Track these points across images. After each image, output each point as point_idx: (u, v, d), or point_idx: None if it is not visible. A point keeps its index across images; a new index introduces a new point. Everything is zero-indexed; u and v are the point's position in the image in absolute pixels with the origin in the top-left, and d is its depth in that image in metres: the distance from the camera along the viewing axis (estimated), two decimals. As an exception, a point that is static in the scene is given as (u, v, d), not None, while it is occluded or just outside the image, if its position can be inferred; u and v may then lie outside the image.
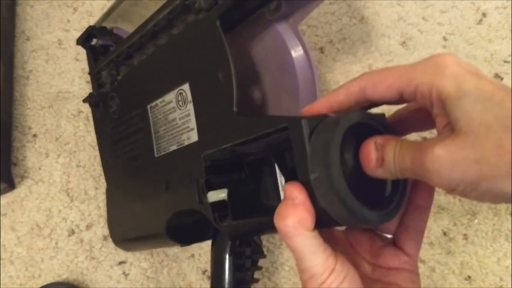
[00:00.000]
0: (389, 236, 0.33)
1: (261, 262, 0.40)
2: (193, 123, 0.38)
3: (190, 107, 0.39)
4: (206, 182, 0.36)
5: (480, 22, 0.54)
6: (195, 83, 0.38)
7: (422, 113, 0.29)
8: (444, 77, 0.25)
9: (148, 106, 0.44)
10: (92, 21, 0.55)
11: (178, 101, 0.40)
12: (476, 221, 0.51)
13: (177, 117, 0.40)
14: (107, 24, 0.55)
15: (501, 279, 0.49)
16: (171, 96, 0.41)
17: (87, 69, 0.62)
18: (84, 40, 0.54)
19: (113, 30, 0.55)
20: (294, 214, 0.27)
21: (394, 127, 0.30)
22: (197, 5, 0.38)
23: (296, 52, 0.38)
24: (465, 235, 0.51)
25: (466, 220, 0.51)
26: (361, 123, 0.28)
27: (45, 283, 0.56)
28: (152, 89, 0.43)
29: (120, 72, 0.49)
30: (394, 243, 0.33)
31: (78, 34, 0.56)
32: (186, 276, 0.55)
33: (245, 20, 0.39)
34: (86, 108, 0.61)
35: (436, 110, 0.26)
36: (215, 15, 0.36)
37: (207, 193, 0.35)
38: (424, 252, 0.50)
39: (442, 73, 0.25)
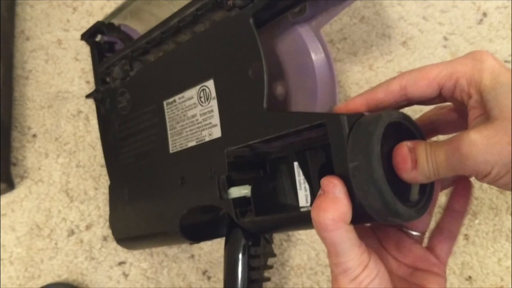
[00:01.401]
0: (415, 233, 0.34)
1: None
2: (216, 119, 0.38)
3: (214, 103, 0.39)
4: (227, 178, 0.36)
5: (480, 22, 0.54)
6: (220, 79, 0.38)
7: (450, 115, 0.31)
8: (482, 70, 0.27)
9: (165, 102, 0.43)
10: (92, 21, 0.54)
11: (200, 97, 0.40)
12: (476, 221, 0.51)
13: (198, 113, 0.40)
14: (116, 21, 0.55)
15: (502, 280, 0.49)
16: (192, 92, 0.41)
17: (87, 69, 0.62)
18: (89, 35, 0.54)
19: (121, 27, 0.55)
20: (335, 207, 0.27)
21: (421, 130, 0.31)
22: (231, 3, 0.38)
23: (317, 55, 0.38)
24: (465, 235, 0.51)
25: (466, 221, 0.51)
26: (397, 123, 0.28)
27: (44, 284, 0.56)
28: (170, 85, 0.43)
29: (134, 68, 0.49)
30: (421, 243, 0.34)
31: (78, 33, 0.55)
32: (186, 276, 0.55)
33: (272, 21, 0.39)
34: (86, 108, 0.61)
35: (472, 103, 0.27)
36: (249, 13, 0.36)
37: (228, 189, 0.36)
38: (425, 253, 0.50)
39: (480, 67, 0.27)
